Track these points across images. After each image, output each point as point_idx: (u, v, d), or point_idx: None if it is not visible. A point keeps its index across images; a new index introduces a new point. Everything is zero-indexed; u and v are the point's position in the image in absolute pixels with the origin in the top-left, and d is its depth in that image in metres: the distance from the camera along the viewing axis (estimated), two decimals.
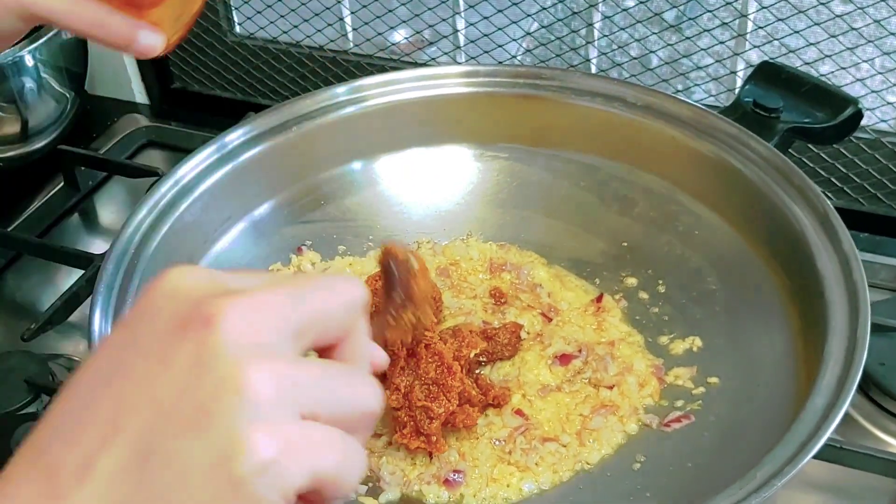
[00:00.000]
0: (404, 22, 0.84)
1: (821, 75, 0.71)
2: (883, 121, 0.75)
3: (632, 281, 0.65)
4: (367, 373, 0.32)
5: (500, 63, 0.82)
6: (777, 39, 0.75)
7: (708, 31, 0.76)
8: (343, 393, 0.30)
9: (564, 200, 0.69)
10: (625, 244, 0.66)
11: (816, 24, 0.72)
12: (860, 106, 0.63)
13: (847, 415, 0.62)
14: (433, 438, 0.53)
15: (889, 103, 0.74)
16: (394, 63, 0.87)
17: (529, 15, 0.82)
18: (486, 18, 0.82)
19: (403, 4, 0.83)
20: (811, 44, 0.73)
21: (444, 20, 0.83)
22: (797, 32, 0.74)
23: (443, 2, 0.82)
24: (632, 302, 0.64)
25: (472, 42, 0.83)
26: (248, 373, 0.27)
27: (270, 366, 0.27)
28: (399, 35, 0.88)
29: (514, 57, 0.84)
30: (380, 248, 0.50)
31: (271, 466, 0.26)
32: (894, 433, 0.62)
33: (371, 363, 0.33)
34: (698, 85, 0.80)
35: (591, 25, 0.80)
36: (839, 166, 0.76)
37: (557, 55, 0.83)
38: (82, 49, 0.87)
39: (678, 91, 0.80)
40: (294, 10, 0.87)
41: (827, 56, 0.73)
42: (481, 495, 0.53)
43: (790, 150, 0.66)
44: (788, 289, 0.56)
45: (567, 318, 0.63)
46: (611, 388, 0.58)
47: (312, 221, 0.68)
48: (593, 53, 0.82)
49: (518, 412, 0.57)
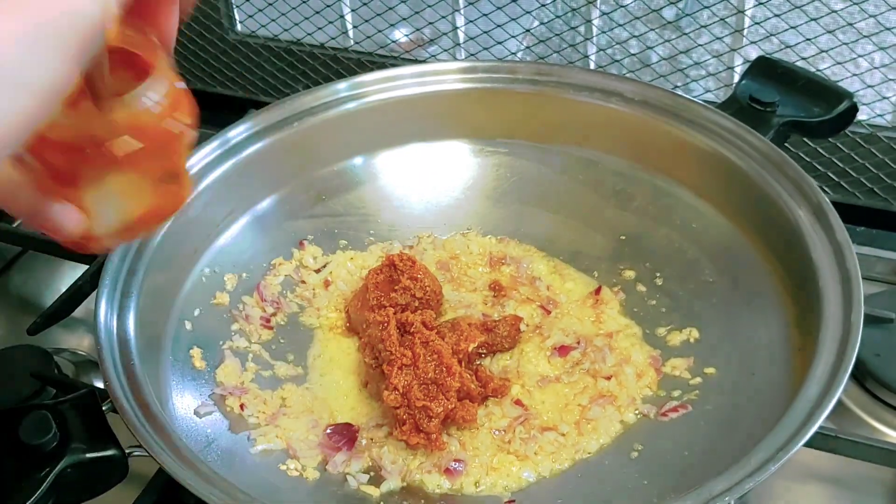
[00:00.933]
0: (404, 19, 0.85)
1: (818, 71, 0.72)
2: (879, 115, 0.76)
3: (630, 273, 0.66)
4: None
5: (500, 60, 0.83)
6: (774, 35, 0.76)
7: (706, 28, 0.77)
8: None
9: (563, 195, 0.69)
10: (623, 237, 0.67)
11: (814, 20, 0.73)
12: (855, 100, 0.63)
13: (843, 405, 0.63)
14: (433, 436, 0.53)
15: (885, 98, 0.74)
16: (394, 61, 0.87)
17: (529, 12, 0.82)
18: (486, 16, 0.82)
19: (403, 2, 0.84)
20: (808, 39, 0.74)
21: (444, 17, 0.83)
22: (794, 28, 0.74)
23: None
24: (630, 294, 0.64)
25: (472, 39, 0.84)
26: None
27: None
28: (399, 33, 0.89)
29: (514, 54, 0.85)
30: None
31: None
32: (890, 423, 0.63)
33: None
34: (696, 81, 0.81)
35: (590, 22, 0.81)
36: (836, 161, 0.77)
37: (557, 52, 0.83)
38: None
39: (676, 87, 0.80)
40: (295, 8, 0.87)
41: (824, 52, 0.74)
42: (481, 484, 0.54)
43: (788, 146, 0.66)
44: (783, 279, 0.57)
45: (566, 311, 0.64)
46: (609, 379, 0.58)
47: (314, 216, 0.69)
48: (592, 50, 0.82)
49: (517, 402, 0.58)
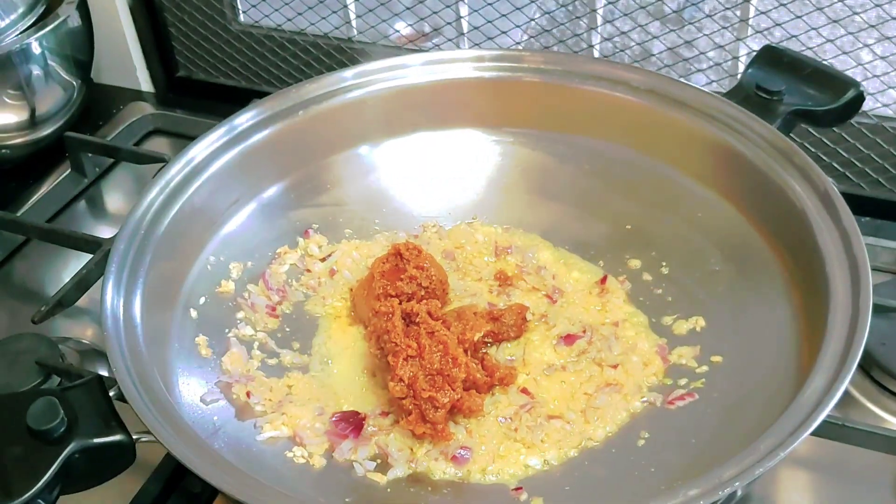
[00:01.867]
0: (408, 9, 0.84)
1: (823, 60, 0.72)
2: (885, 105, 0.75)
3: (636, 262, 0.65)
4: None
5: (506, 49, 0.82)
6: (779, 25, 0.75)
7: (710, 17, 0.77)
8: None
9: (569, 184, 0.69)
10: (628, 226, 0.67)
11: (818, 10, 0.73)
12: (861, 89, 0.63)
13: (849, 394, 0.63)
14: (439, 427, 0.53)
15: (891, 87, 0.74)
16: (397, 51, 0.87)
17: (533, 1, 0.82)
18: (490, 5, 0.82)
19: None
20: (813, 28, 0.74)
21: (448, 7, 0.83)
22: (799, 18, 0.74)
23: None
24: (636, 283, 0.64)
25: (476, 29, 0.84)
26: None
27: None
28: (402, 23, 0.89)
29: (518, 44, 0.84)
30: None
31: None
32: (895, 412, 0.63)
33: None
34: (701, 71, 0.81)
35: (595, 12, 0.80)
36: (841, 151, 0.76)
37: (561, 41, 0.83)
38: (88, 37, 0.87)
39: (680, 77, 0.80)
40: None
41: (829, 41, 0.74)
42: (488, 471, 0.54)
43: (793, 136, 0.66)
44: (790, 267, 0.57)
45: (571, 300, 0.64)
46: (615, 368, 0.58)
47: (319, 205, 0.69)
48: (596, 40, 0.82)
49: (524, 391, 0.58)
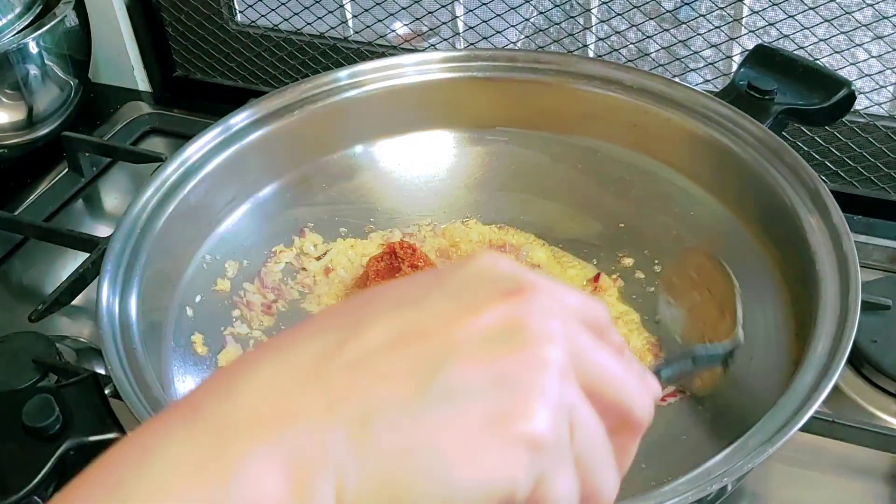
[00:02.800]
0: (404, 9, 0.85)
1: (815, 59, 0.72)
2: (877, 104, 0.76)
3: (628, 261, 0.66)
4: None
5: (500, 48, 0.83)
6: (772, 24, 0.76)
7: (704, 17, 0.77)
8: (625, 388, 0.29)
9: (562, 183, 0.70)
10: (621, 225, 0.67)
11: (811, 9, 0.73)
12: (853, 88, 0.63)
13: (840, 391, 0.64)
14: None
15: (883, 87, 0.75)
16: (393, 51, 0.88)
17: (528, 1, 0.83)
18: (485, 4, 0.82)
19: None
20: (806, 28, 0.74)
21: (444, 7, 0.84)
22: (792, 17, 0.75)
23: None
24: (628, 281, 0.65)
25: (471, 28, 0.84)
26: (550, 345, 0.27)
27: (571, 345, 0.27)
28: (399, 23, 0.89)
29: (514, 44, 0.85)
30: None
31: (542, 449, 0.26)
32: (886, 409, 0.63)
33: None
34: (694, 70, 0.81)
35: (589, 11, 0.81)
36: (833, 150, 0.77)
37: (555, 41, 0.84)
38: (86, 36, 0.88)
39: (675, 76, 0.80)
40: None
41: (822, 40, 0.74)
42: None
43: (785, 135, 0.67)
44: (781, 265, 0.57)
45: None
46: None
47: (315, 204, 0.70)
48: (591, 39, 0.82)
49: None
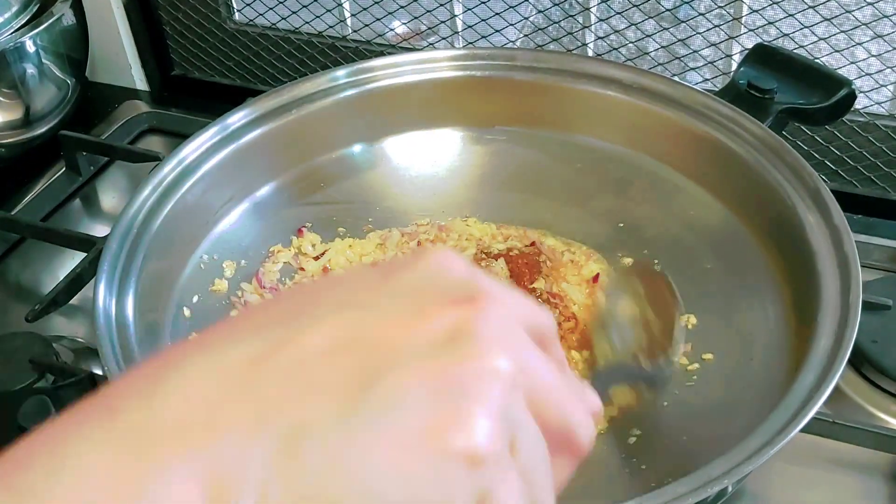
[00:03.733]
0: (402, 7, 0.84)
1: (815, 58, 0.72)
2: (877, 103, 0.76)
3: (628, 261, 0.66)
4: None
5: (499, 47, 0.83)
6: (772, 23, 0.76)
7: (703, 15, 0.77)
8: (569, 408, 0.28)
9: (561, 182, 0.69)
10: (621, 224, 0.67)
11: (811, 7, 0.73)
12: (853, 87, 0.63)
13: (841, 391, 0.63)
14: None
15: (883, 86, 0.74)
16: (392, 49, 0.87)
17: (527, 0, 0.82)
18: (484, 3, 0.82)
19: None
20: (805, 26, 0.74)
21: (442, 5, 0.83)
22: (792, 16, 0.74)
23: None
24: None
25: (470, 27, 0.84)
26: (498, 356, 0.26)
27: (520, 358, 0.27)
28: (397, 22, 0.89)
29: (513, 42, 0.85)
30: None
31: (482, 464, 0.25)
32: (887, 409, 0.63)
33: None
34: (694, 69, 0.81)
35: (589, 10, 0.81)
36: (833, 149, 0.77)
37: (555, 40, 0.83)
38: (83, 35, 0.88)
39: (674, 75, 0.80)
40: None
41: (821, 39, 0.74)
42: None
43: (785, 134, 0.66)
44: (781, 265, 0.57)
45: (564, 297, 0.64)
46: None
47: (313, 203, 0.69)
48: (590, 38, 0.82)
49: None
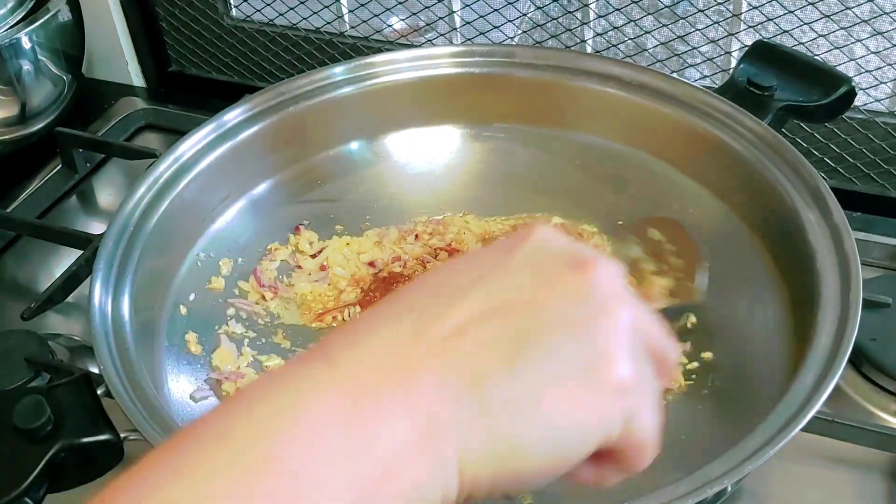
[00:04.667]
0: (400, 3, 0.84)
1: (815, 55, 0.72)
2: (877, 101, 0.75)
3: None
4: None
5: (497, 44, 0.82)
6: (771, 20, 0.75)
7: (702, 12, 0.77)
8: (664, 340, 0.34)
9: (560, 179, 0.69)
10: (620, 222, 0.67)
11: (810, 4, 0.73)
12: (853, 84, 0.63)
13: (840, 390, 0.63)
14: None
15: (882, 83, 0.74)
16: (390, 46, 0.87)
17: None
18: None
19: None
20: (805, 23, 0.73)
21: (440, 2, 0.83)
22: (791, 13, 0.74)
23: None
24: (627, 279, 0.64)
25: (468, 23, 0.84)
26: (619, 307, 0.31)
27: (631, 306, 0.31)
28: (395, 18, 0.88)
29: (511, 39, 0.84)
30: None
31: (629, 390, 0.30)
32: (886, 408, 0.62)
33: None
34: (693, 66, 0.81)
35: (587, 6, 0.80)
36: (833, 146, 0.76)
37: (553, 36, 0.83)
38: (79, 31, 0.87)
39: (673, 72, 0.80)
40: None
41: (821, 36, 0.74)
42: None
43: (785, 131, 0.66)
44: (781, 263, 0.57)
45: None
46: None
47: (310, 201, 0.69)
48: (589, 35, 0.82)
49: None
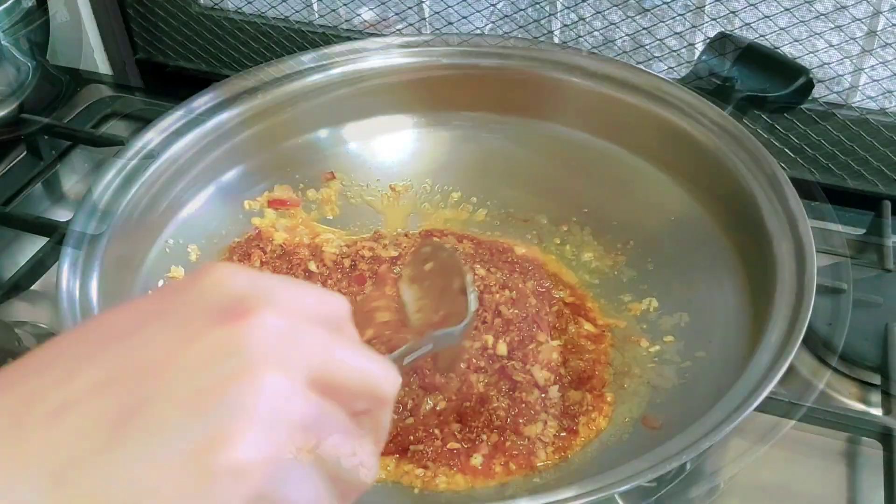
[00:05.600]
0: None
1: (776, 48, 0.73)
2: (835, 93, 0.77)
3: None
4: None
5: (466, 34, 0.83)
6: (734, 13, 0.77)
7: (668, 5, 0.78)
8: (367, 366, 0.29)
9: (527, 168, 0.70)
10: (585, 210, 0.68)
11: None
12: (811, 76, 0.65)
13: (797, 374, 0.65)
14: None
15: (841, 76, 0.76)
16: (359, 36, 0.87)
17: None
18: None
19: None
20: (767, 17, 0.75)
21: None
22: (753, 6, 0.75)
23: None
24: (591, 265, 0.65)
25: (437, 14, 0.84)
26: (266, 371, 0.26)
27: (297, 354, 0.27)
28: (364, 8, 0.88)
29: (480, 30, 0.85)
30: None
31: (247, 474, 0.25)
32: (842, 391, 0.64)
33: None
34: (658, 58, 0.82)
35: None
36: (792, 137, 0.78)
37: (521, 27, 0.84)
38: (44, 17, 0.86)
39: (639, 64, 0.81)
40: None
41: (782, 29, 0.75)
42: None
43: (746, 122, 0.68)
44: (741, 249, 0.58)
45: None
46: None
47: (279, 188, 0.69)
48: (556, 26, 0.83)
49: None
